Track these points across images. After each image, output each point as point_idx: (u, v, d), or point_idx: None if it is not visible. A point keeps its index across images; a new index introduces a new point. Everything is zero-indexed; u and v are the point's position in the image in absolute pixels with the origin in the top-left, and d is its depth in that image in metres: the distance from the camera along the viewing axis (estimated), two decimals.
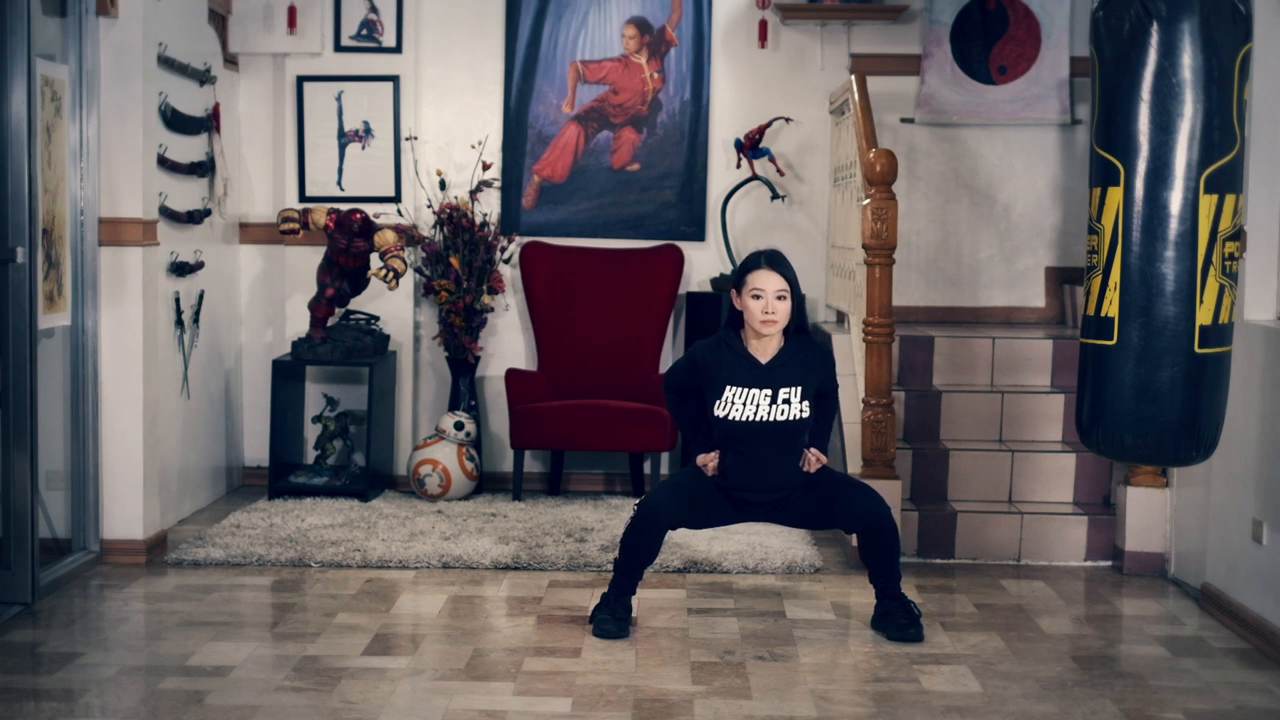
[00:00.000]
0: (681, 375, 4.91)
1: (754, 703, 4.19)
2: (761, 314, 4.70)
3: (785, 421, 4.72)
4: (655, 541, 4.83)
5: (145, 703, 4.13)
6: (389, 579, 5.51)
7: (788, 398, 4.72)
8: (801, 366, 4.76)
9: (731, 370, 4.74)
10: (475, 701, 4.18)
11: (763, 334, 4.74)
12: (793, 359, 4.76)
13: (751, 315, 4.72)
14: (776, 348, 4.77)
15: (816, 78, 7.22)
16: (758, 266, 4.74)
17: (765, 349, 4.77)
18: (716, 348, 4.81)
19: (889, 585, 4.90)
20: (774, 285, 4.70)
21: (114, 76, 5.61)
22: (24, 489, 5.05)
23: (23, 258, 5.00)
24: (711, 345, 4.84)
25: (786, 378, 4.73)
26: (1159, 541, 5.75)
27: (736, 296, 4.77)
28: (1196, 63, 3.92)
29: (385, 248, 6.65)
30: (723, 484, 4.85)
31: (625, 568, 4.87)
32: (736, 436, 4.76)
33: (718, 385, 4.75)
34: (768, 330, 4.72)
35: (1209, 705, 4.28)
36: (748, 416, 4.72)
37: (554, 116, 7.27)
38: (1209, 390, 4.05)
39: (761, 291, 4.71)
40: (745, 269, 4.77)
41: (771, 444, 4.76)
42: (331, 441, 7.10)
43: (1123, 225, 4.01)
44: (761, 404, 4.71)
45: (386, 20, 7.15)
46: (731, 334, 4.81)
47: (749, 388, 4.72)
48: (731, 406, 4.73)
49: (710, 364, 4.78)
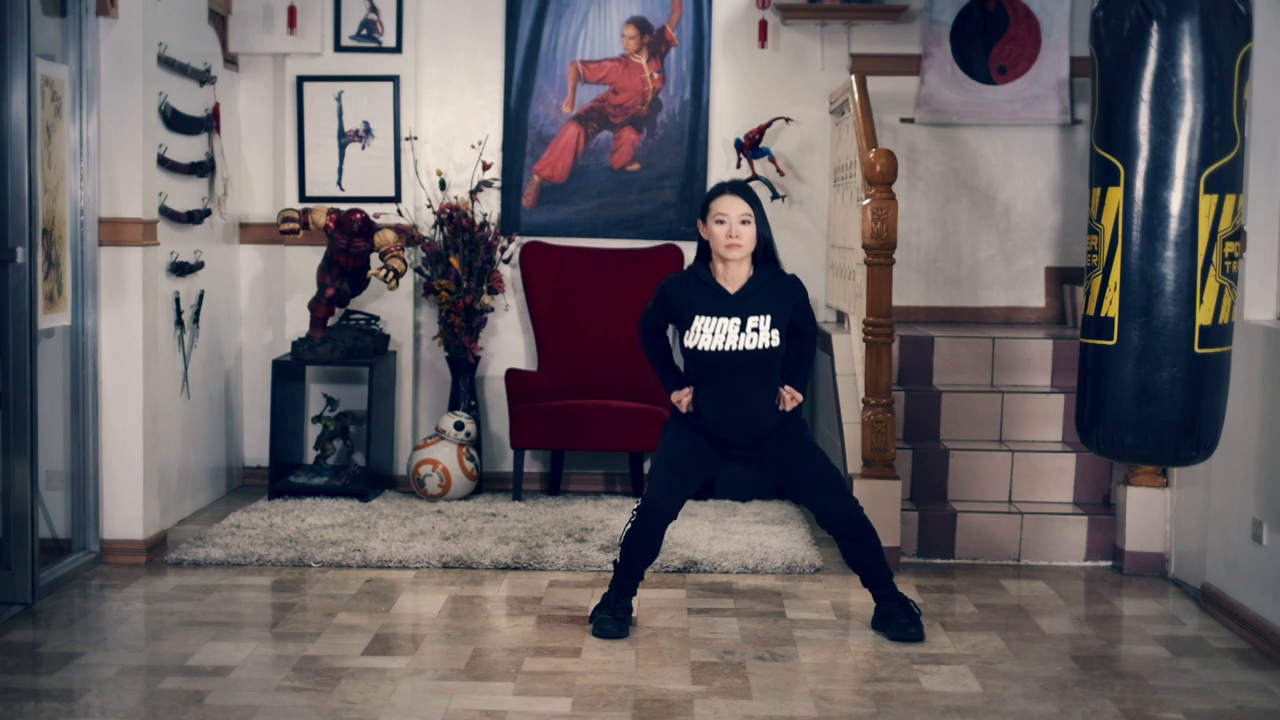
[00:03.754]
0: (653, 315, 4.90)
1: (754, 703, 4.20)
2: (726, 238, 4.69)
3: (755, 350, 4.68)
4: (657, 539, 4.83)
5: (145, 703, 4.13)
6: (389, 579, 5.51)
7: (756, 326, 4.69)
8: (770, 295, 4.73)
9: (700, 300, 4.72)
10: (475, 701, 4.18)
11: (728, 259, 4.71)
12: (761, 288, 4.73)
13: (716, 241, 4.71)
14: (745, 277, 4.75)
15: (816, 78, 7.22)
16: (721, 193, 4.75)
17: (733, 278, 4.75)
18: (685, 280, 4.80)
19: (882, 585, 4.90)
20: (738, 210, 4.70)
21: (114, 76, 5.61)
22: (24, 489, 5.05)
23: (23, 258, 5.00)
24: (680, 278, 4.83)
25: (755, 306, 4.70)
26: (1159, 541, 5.75)
27: (702, 226, 4.76)
28: (1196, 63, 3.92)
29: (385, 248, 6.65)
30: (698, 423, 4.82)
31: (626, 569, 4.87)
32: (707, 367, 4.73)
33: (687, 316, 4.73)
34: (733, 255, 4.70)
35: (1209, 705, 4.28)
36: (716, 346, 4.68)
37: (554, 116, 7.27)
38: (1209, 390, 4.05)
39: (725, 217, 4.70)
40: (709, 198, 4.77)
41: (742, 374, 4.72)
42: (331, 441, 7.10)
43: (1123, 225, 4.01)
44: (730, 332, 4.69)
45: (386, 20, 7.15)
46: (700, 266, 4.80)
47: (717, 317, 4.70)
48: (700, 336, 4.70)
49: (679, 296, 4.76)
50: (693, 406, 4.81)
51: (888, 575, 4.91)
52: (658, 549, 4.87)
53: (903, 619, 4.83)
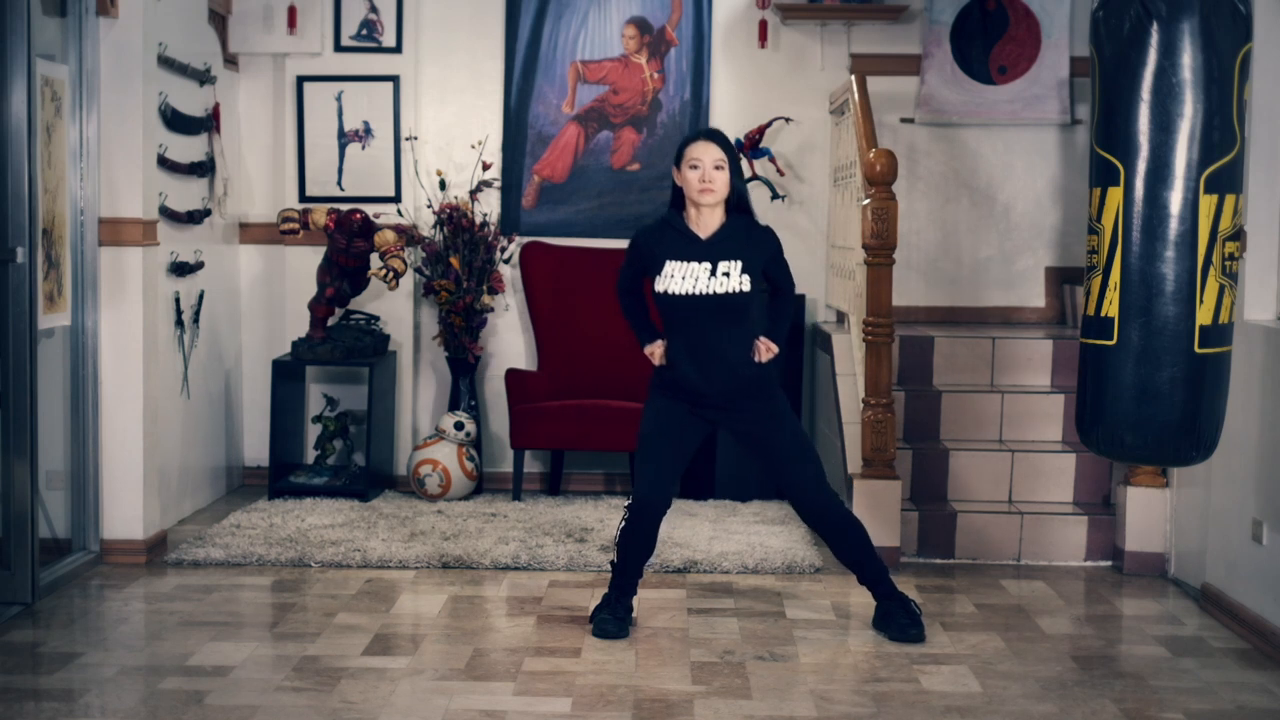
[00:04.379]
0: (628, 270, 4.91)
1: (754, 703, 4.20)
2: (699, 183, 4.69)
3: (725, 294, 4.68)
4: (652, 535, 4.83)
5: (145, 703, 4.13)
6: (389, 579, 5.51)
7: (727, 270, 4.69)
8: (743, 242, 4.73)
9: (671, 246, 4.73)
10: (475, 701, 4.18)
11: (701, 204, 4.72)
12: (733, 234, 4.74)
13: (689, 186, 4.72)
14: (718, 224, 4.76)
15: (816, 78, 7.22)
16: (696, 139, 4.75)
17: (706, 225, 4.75)
18: (658, 227, 4.82)
19: (879, 583, 4.89)
20: (711, 156, 4.70)
21: (114, 76, 5.61)
22: (24, 489, 5.05)
23: (23, 258, 5.00)
24: (653, 226, 4.85)
25: (726, 251, 4.70)
26: (1159, 541, 5.75)
27: (677, 172, 4.77)
28: (1196, 63, 3.92)
29: (385, 248, 6.65)
30: (671, 377, 4.80)
31: (625, 568, 4.87)
32: (678, 313, 4.73)
33: (658, 262, 4.74)
34: (706, 200, 4.71)
35: (1209, 705, 4.28)
36: (686, 290, 4.68)
37: (554, 116, 7.27)
38: (1209, 390, 4.05)
39: (699, 162, 4.70)
40: (684, 143, 4.77)
41: (713, 320, 4.71)
42: (331, 441, 7.10)
43: (1123, 225, 4.01)
44: (700, 276, 4.69)
45: (386, 20, 7.15)
46: (674, 213, 4.81)
47: (688, 261, 4.70)
48: (671, 280, 4.70)
49: (652, 243, 4.77)
50: (666, 359, 4.81)
51: (882, 571, 4.90)
52: (654, 544, 4.86)
53: (903, 619, 4.83)
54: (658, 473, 4.80)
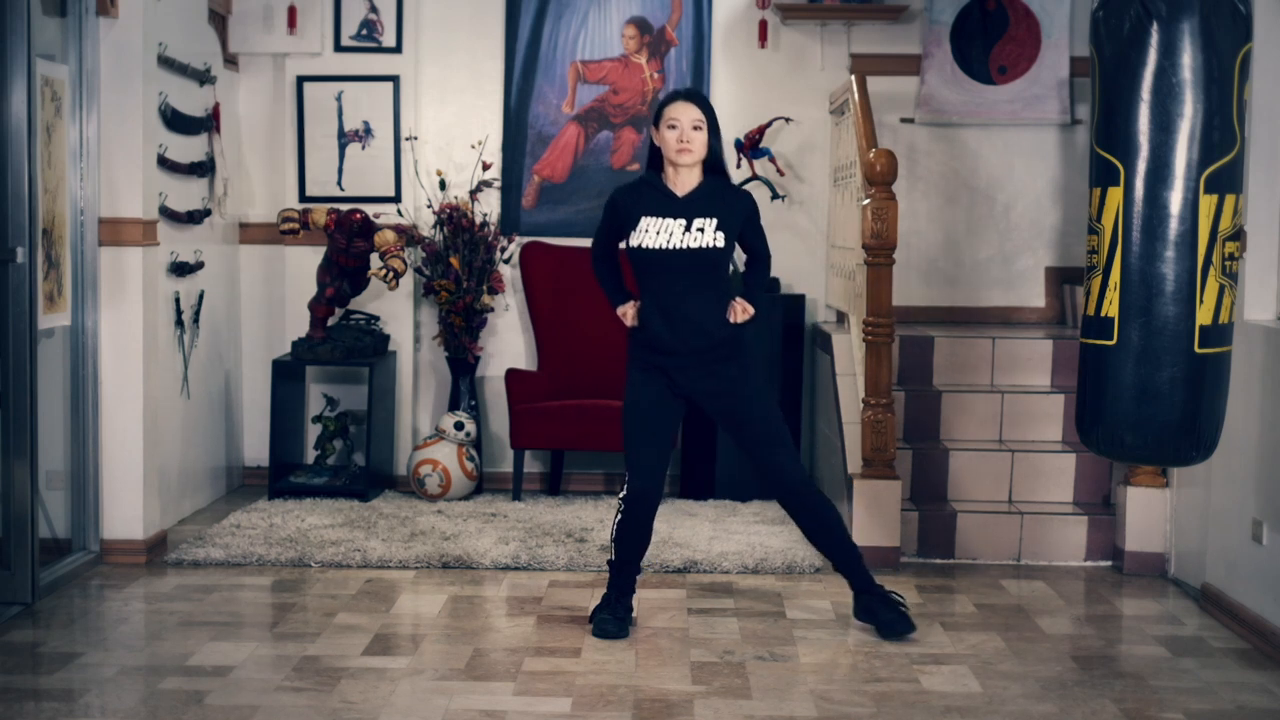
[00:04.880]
0: (603, 233, 4.93)
1: (754, 703, 4.20)
2: (676, 143, 4.72)
3: (698, 249, 4.70)
4: (648, 526, 4.84)
5: (145, 703, 4.13)
6: (389, 579, 5.51)
7: (701, 226, 4.72)
8: (719, 202, 4.76)
9: (648, 203, 4.77)
10: (475, 701, 4.18)
11: (679, 164, 4.74)
12: (710, 193, 4.77)
13: (667, 146, 4.74)
14: (695, 183, 4.79)
15: (816, 78, 7.22)
16: (675, 99, 4.78)
17: (683, 184, 4.78)
18: (635, 186, 4.85)
19: (856, 573, 4.88)
20: (690, 116, 4.73)
21: (114, 76, 5.61)
22: (24, 489, 5.05)
23: (23, 258, 5.00)
24: (630, 185, 4.89)
25: (702, 209, 4.74)
26: (1159, 541, 5.75)
27: (655, 132, 4.80)
28: (1196, 63, 3.92)
29: (385, 248, 6.65)
30: (644, 338, 4.80)
31: (622, 564, 4.87)
32: (651, 267, 4.75)
33: (634, 218, 4.77)
34: (683, 160, 4.73)
35: (1209, 705, 4.28)
36: (660, 244, 4.71)
37: (554, 116, 7.27)
38: (1209, 390, 4.05)
39: (677, 122, 4.73)
40: (662, 103, 4.80)
41: (686, 276, 4.73)
42: (331, 441, 7.10)
43: (1123, 225, 4.01)
44: (675, 232, 4.72)
45: (386, 20, 7.15)
46: (651, 173, 4.84)
47: (664, 217, 4.74)
48: (646, 235, 4.74)
49: (628, 202, 4.80)
50: (638, 320, 4.82)
51: (858, 559, 4.88)
52: (649, 535, 4.87)
53: (889, 615, 4.82)
54: (650, 461, 4.81)
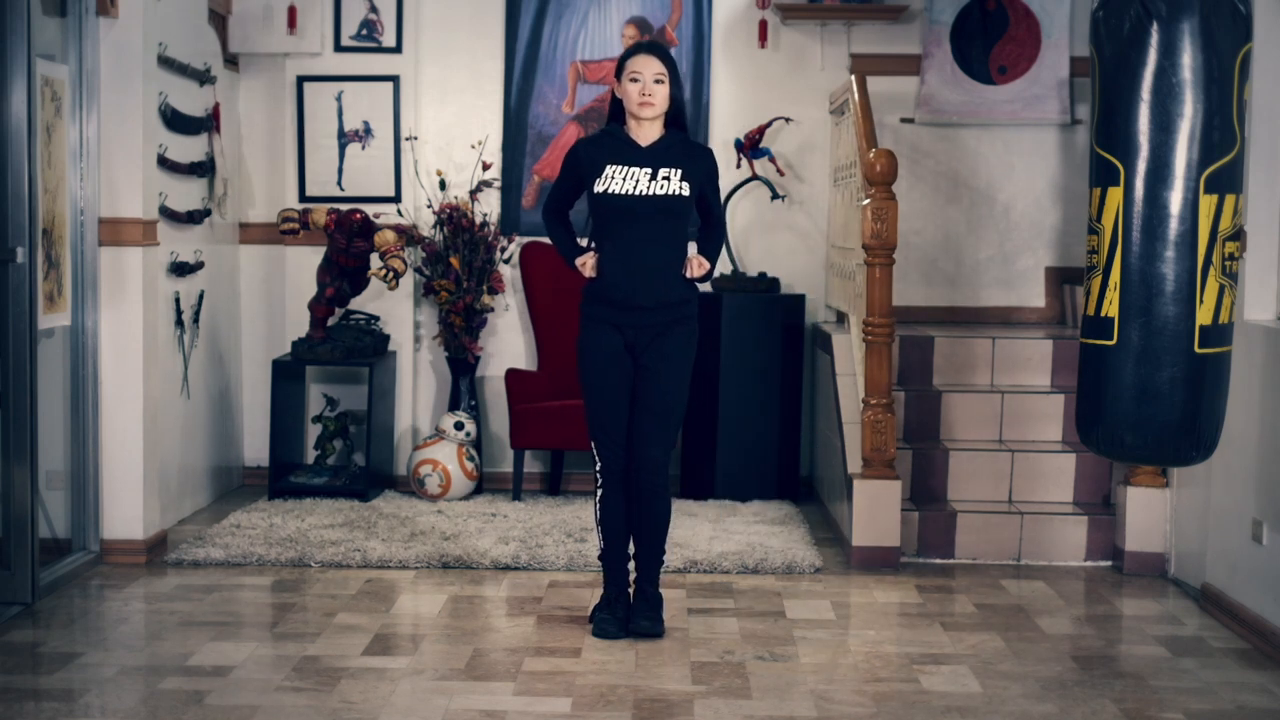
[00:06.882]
0: (559, 188, 4.96)
1: (754, 703, 4.20)
2: (639, 96, 4.75)
3: (664, 196, 4.75)
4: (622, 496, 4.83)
5: (145, 703, 4.13)
6: (389, 579, 5.51)
7: (667, 175, 4.76)
8: (682, 154, 4.81)
9: (613, 152, 4.80)
10: (475, 701, 4.18)
11: (641, 116, 4.78)
12: (673, 145, 4.82)
13: (629, 98, 4.78)
14: (657, 135, 4.83)
15: (816, 78, 7.22)
16: (637, 52, 4.81)
17: (646, 135, 4.82)
18: (598, 137, 4.90)
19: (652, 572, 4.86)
20: (652, 69, 4.76)
21: (114, 76, 5.61)
22: (24, 489, 5.05)
23: (23, 258, 5.00)
24: (592, 137, 4.95)
25: (666, 160, 4.78)
26: (1159, 541, 5.75)
27: (617, 85, 4.83)
28: (1196, 63, 3.92)
29: (385, 248, 6.65)
30: (600, 288, 4.82)
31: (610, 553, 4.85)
32: (614, 214, 4.78)
33: (598, 167, 4.80)
34: (645, 113, 4.77)
35: (1209, 705, 4.28)
36: (627, 190, 4.75)
37: (554, 116, 7.27)
38: (1209, 390, 4.05)
39: (640, 75, 4.76)
40: (626, 55, 4.83)
41: (648, 224, 4.77)
42: (331, 441, 7.10)
43: (1123, 225, 4.01)
44: (641, 180, 4.76)
45: (386, 20, 7.15)
46: (614, 125, 4.88)
47: (629, 165, 4.78)
48: (611, 181, 4.77)
49: (592, 152, 4.83)
50: (597, 270, 4.84)
51: (657, 563, 4.86)
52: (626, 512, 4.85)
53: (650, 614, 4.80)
54: (615, 432, 4.83)
